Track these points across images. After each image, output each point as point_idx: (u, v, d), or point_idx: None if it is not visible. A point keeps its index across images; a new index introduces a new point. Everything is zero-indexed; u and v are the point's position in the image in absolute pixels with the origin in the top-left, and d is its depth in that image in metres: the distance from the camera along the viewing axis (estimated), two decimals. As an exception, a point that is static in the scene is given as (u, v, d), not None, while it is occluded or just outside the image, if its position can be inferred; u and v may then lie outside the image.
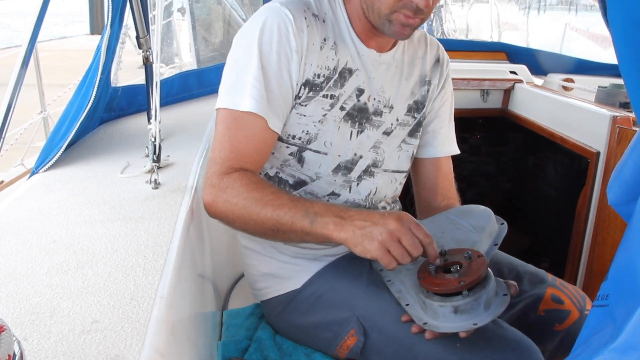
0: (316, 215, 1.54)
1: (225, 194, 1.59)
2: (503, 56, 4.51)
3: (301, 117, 1.73)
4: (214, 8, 5.67)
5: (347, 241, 1.51)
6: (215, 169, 1.63)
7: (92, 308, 1.19)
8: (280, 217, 1.54)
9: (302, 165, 1.79)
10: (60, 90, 6.89)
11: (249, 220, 1.58)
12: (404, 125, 1.90)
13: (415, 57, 1.93)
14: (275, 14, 1.66)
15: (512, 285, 1.56)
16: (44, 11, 1.97)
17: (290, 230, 1.55)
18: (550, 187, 3.54)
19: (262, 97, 1.62)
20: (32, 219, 1.67)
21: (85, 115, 2.35)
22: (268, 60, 1.64)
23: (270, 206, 1.55)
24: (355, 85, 1.78)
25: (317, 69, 1.71)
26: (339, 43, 1.76)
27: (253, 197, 1.57)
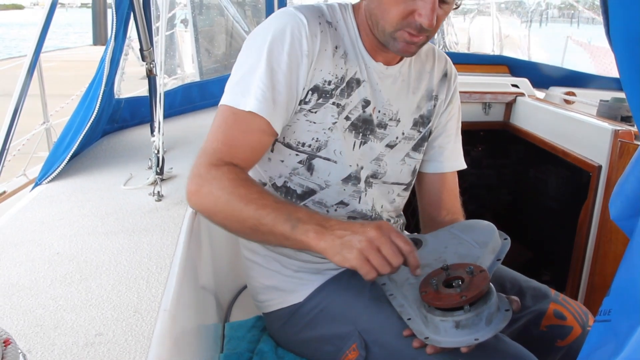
0: (298, 221, 1.51)
1: (211, 186, 1.56)
2: (505, 69, 4.52)
3: (311, 124, 1.73)
4: (217, 20, 5.69)
5: (325, 251, 1.49)
6: (204, 158, 1.61)
7: (96, 320, 1.19)
8: (262, 217, 1.52)
9: (311, 173, 1.79)
10: (63, 101, 6.90)
11: (230, 216, 1.56)
12: (409, 139, 1.91)
13: (423, 72, 1.93)
14: (289, 18, 1.67)
15: (514, 300, 1.56)
16: (48, 22, 1.98)
17: (270, 232, 1.53)
18: (551, 200, 3.54)
19: (265, 99, 1.61)
20: (35, 230, 1.67)
21: (88, 127, 2.36)
22: (278, 62, 1.63)
23: (254, 205, 1.53)
24: (362, 96, 1.77)
25: (327, 76, 1.71)
26: (348, 53, 1.75)
27: (238, 192, 1.55)
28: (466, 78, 4.06)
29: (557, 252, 3.33)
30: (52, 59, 21.06)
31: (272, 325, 1.96)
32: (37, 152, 5.11)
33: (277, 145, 1.77)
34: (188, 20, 7.30)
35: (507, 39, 11.74)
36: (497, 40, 10.86)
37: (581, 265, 2.96)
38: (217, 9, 5.54)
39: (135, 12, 2.41)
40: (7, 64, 9.55)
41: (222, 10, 5.38)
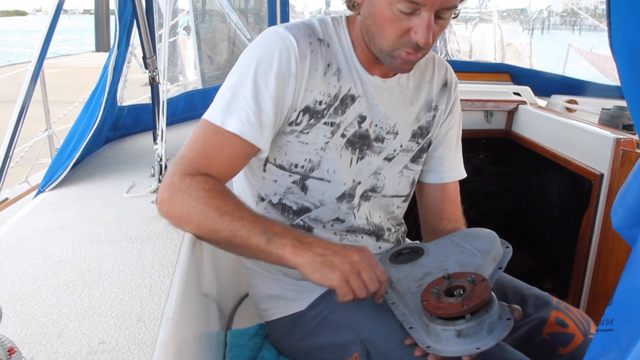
0: (274, 234, 1.53)
1: (184, 194, 1.57)
2: (507, 77, 4.53)
3: (303, 145, 1.74)
4: (219, 27, 5.70)
5: (302, 266, 1.51)
6: (179, 167, 1.62)
7: (99, 329, 1.19)
8: (237, 229, 1.53)
9: (305, 192, 1.80)
10: (65, 108, 6.91)
11: (204, 226, 1.57)
12: (407, 151, 1.91)
13: (422, 81, 1.92)
14: (278, 39, 1.67)
15: (516, 309, 1.56)
16: (52, 28, 1.98)
17: (244, 244, 1.54)
18: (553, 208, 3.55)
19: (249, 121, 1.62)
20: (38, 238, 1.67)
21: (91, 135, 2.36)
22: (266, 84, 1.63)
23: (229, 217, 1.54)
24: (357, 112, 1.77)
25: (318, 96, 1.71)
26: (342, 69, 1.75)
27: (213, 204, 1.56)
28: (468, 86, 4.06)
29: (558, 260, 3.33)
30: (54, 65, 21.11)
31: (274, 334, 1.96)
32: (39, 158, 5.12)
33: (269, 166, 1.78)
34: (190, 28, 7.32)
35: (508, 47, 11.76)
36: (499, 48, 10.87)
37: (583, 273, 2.96)
38: (220, 16, 5.55)
39: (139, 19, 2.41)
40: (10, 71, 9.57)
41: (224, 18, 5.39)
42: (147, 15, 2.49)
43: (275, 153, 1.76)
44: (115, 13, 2.60)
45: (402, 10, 1.55)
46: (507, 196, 4.13)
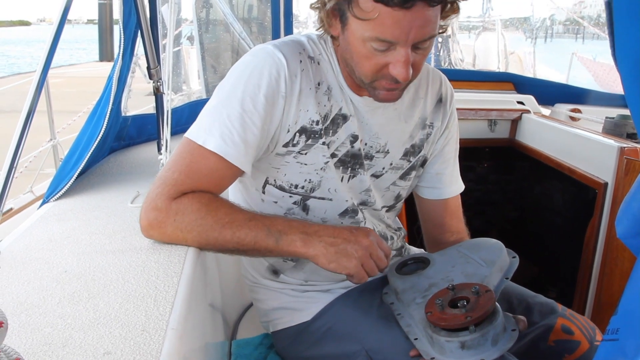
0: (280, 233, 1.56)
1: (176, 222, 1.57)
2: (510, 86, 4.53)
3: (302, 165, 1.72)
4: (222, 37, 5.72)
5: (317, 257, 1.55)
6: (162, 189, 1.59)
7: (104, 339, 1.19)
8: (241, 239, 1.55)
9: (307, 212, 1.79)
10: (69, 117, 6.94)
11: (205, 244, 1.59)
12: (396, 169, 1.89)
13: (416, 98, 1.88)
14: (267, 57, 1.64)
15: (521, 320, 1.56)
16: (57, 39, 1.99)
17: (253, 249, 1.57)
18: (557, 217, 3.54)
19: (233, 142, 1.58)
20: (43, 248, 1.67)
21: (96, 145, 2.37)
22: (254, 104, 1.60)
23: (229, 229, 1.55)
24: (349, 132, 1.75)
25: (314, 115, 1.68)
26: (332, 88, 1.72)
27: (207, 222, 1.56)
28: (472, 95, 4.07)
29: (563, 269, 3.33)
30: (58, 75, 21.17)
31: (279, 344, 1.96)
32: (43, 168, 5.14)
33: (269, 188, 1.77)
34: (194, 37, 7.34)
35: (511, 55, 11.78)
36: (503, 57, 10.88)
37: (588, 281, 2.95)
38: (223, 25, 5.56)
39: (143, 30, 2.42)
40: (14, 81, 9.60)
41: (227, 27, 5.41)
42: (152, 26, 2.49)
43: (274, 174, 1.75)
44: (119, 23, 2.61)
45: (376, 48, 1.53)
46: (511, 205, 4.13)
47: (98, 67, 24.22)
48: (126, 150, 2.91)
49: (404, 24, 1.46)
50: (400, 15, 1.44)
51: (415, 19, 1.46)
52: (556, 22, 37.67)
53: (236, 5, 5.65)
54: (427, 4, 1.45)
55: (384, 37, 1.49)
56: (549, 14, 21.30)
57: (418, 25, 1.47)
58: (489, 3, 12.33)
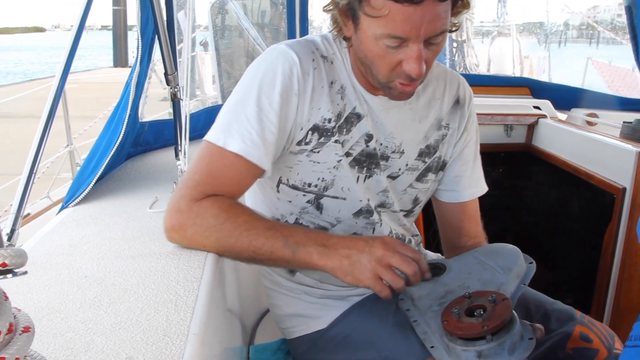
0: (297, 244, 1.53)
1: (195, 225, 1.58)
2: (526, 91, 4.52)
3: (315, 164, 1.72)
4: (238, 42, 5.73)
5: (334, 270, 1.52)
6: (185, 191, 1.61)
7: (126, 344, 1.20)
8: (258, 248, 1.54)
9: (320, 212, 1.78)
10: (85, 123, 6.98)
11: (223, 251, 1.60)
12: (412, 170, 1.87)
13: (433, 99, 1.88)
14: (280, 56, 1.65)
15: (538, 328, 1.54)
16: (75, 45, 2.00)
17: (270, 259, 1.56)
18: (574, 222, 3.53)
19: (252, 141, 1.59)
20: (63, 253, 1.68)
21: (114, 151, 2.38)
22: (270, 102, 1.61)
23: (246, 237, 1.54)
24: (364, 131, 1.75)
25: (326, 114, 1.69)
26: (346, 87, 1.73)
27: (225, 228, 1.56)
28: (488, 100, 4.06)
29: (580, 274, 3.31)
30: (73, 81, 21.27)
31: (296, 350, 1.96)
32: (59, 173, 5.17)
33: (283, 187, 1.77)
34: (208, 43, 7.35)
35: (525, 59, 11.76)
36: (518, 62, 10.85)
37: (606, 287, 2.94)
38: (238, 31, 5.58)
39: (160, 36, 2.43)
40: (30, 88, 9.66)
41: (242, 33, 5.42)
42: (168, 32, 2.50)
43: (287, 173, 1.75)
44: (137, 30, 2.62)
45: (388, 45, 1.53)
46: (527, 210, 4.11)
47: (112, 73, 24.35)
48: (143, 155, 2.92)
49: (414, 19, 1.46)
50: (410, 10, 1.45)
51: (425, 14, 1.46)
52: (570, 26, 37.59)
53: (251, 11, 5.66)
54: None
55: (395, 33, 1.50)
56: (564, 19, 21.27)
57: (428, 21, 1.48)
58: (503, 8, 12.31)
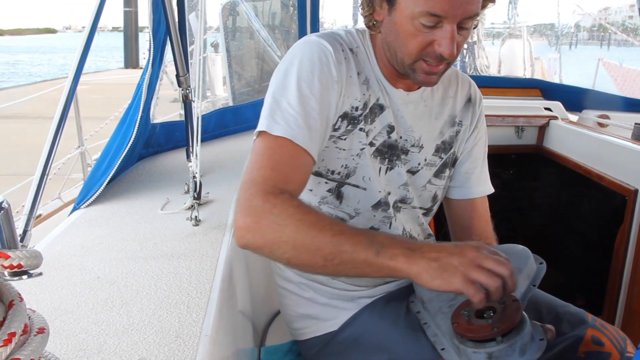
0: (382, 245, 1.41)
1: (272, 215, 1.42)
2: (537, 92, 4.50)
3: (340, 151, 1.73)
4: (248, 43, 5.74)
5: (420, 275, 1.38)
6: (254, 189, 1.48)
7: (139, 345, 1.20)
8: (341, 243, 1.41)
9: (340, 201, 1.78)
10: (95, 124, 7.00)
11: (300, 245, 1.42)
12: (430, 166, 1.89)
13: (446, 97, 1.91)
14: (314, 45, 1.67)
15: (549, 330, 1.53)
16: (88, 47, 2.01)
17: (350, 260, 1.41)
18: (585, 224, 3.52)
19: (298, 125, 1.56)
20: (75, 254, 1.69)
21: (126, 152, 2.39)
22: (310, 89, 1.60)
23: (329, 231, 1.42)
24: (386, 122, 1.77)
25: (354, 102, 1.70)
26: (370, 79, 1.75)
27: (308, 219, 1.43)
28: (499, 102, 4.05)
29: (592, 276, 3.30)
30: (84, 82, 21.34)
31: (307, 352, 1.95)
32: (70, 174, 5.19)
33: None
34: (218, 44, 7.35)
35: (536, 61, 11.73)
36: (529, 64, 10.82)
37: (618, 289, 2.93)
38: (249, 32, 5.59)
39: (172, 38, 2.44)
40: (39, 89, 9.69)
41: (253, 35, 5.43)
42: (180, 34, 2.51)
43: None
44: (149, 32, 2.63)
45: (424, 24, 1.55)
46: (538, 212, 4.10)
47: (123, 74, 24.41)
48: (154, 157, 2.93)
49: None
50: None
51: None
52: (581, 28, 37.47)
53: (261, 13, 5.67)
54: None
55: (434, 10, 1.51)
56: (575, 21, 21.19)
57: (465, 2, 1.52)
58: (514, 9, 12.27)
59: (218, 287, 1.46)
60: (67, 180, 5.10)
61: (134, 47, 33.35)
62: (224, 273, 1.55)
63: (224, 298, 1.46)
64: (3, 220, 0.67)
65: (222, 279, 1.51)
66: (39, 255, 0.72)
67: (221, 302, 1.42)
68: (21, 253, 0.69)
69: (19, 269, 0.69)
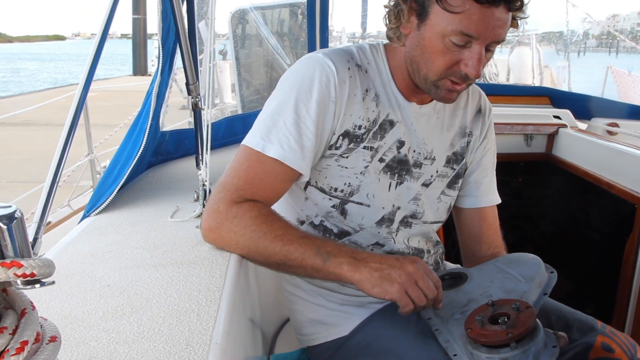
0: (329, 254, 1.57)
1: (232, 224, 1.61)
2: (546, 100, 4.50)
3: (342, 169, 1.75)
4: (258, 52, 5.75)
5: (361, 282, 1.55)
6: (224, 194, 1.65)
7: (149, 353, 1.20)
8: (290, 252, 1.57)
9: (345, 217, 1.80)
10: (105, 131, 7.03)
11: (254, 252, 1.62)
12: (442, 177, 1.92)
13: (457, 108, 1.94)
14: (317, 65, 1.69)
15: (562, 337, 1.54)
16: (98, 54, 2.01)
17: (299, 266, 1.59)
18: (595, 232, 3.51)
19: (290, 147, 1.64)
20: (85, 262, 1.69)
21: (136, 161, 2.39)
22: (307, 109, 1.66)
23: (280, 241, 1.58)
24: (396, 137, 1.79)
25: (357, 120, 1.73)
26: (380, 95, 1.77)
27: (261, 230, 1.59)
28: (508, 110, 4.06)
29: (601, 284, 3.29)
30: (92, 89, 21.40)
31: (316, 358, 1.96)
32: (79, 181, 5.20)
33: (310, 189, 1.80)
34: (226, 52, 7.36)
35: (545, 68, 11.71)
36: (538, 72, 10.81)
37: (627, 297, 2.92)
38: (257, 40, 5.60)
39: (182, 46, 2.44)
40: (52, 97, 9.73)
41: (262, 42, 5.44)
42: (190, 42, 2.52)
43: (315, 176, 1.78)
44: (158, 40, 2.64)
45: (455, 43, 1.58)
46: (547, 220, 4.09)
47: (132, 82, 24.49)
48: (164, 165, 2.93)
49: (487, 21, 1.55)
50: (487, 12, 1.54)
51: (497, 19, 1.56)
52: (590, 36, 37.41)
53: (270, 21, 5.69)
54: (507, 7, 1.56)
55: (467, 31, 1.56)
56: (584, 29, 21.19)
57: (497, 26, 1.57)
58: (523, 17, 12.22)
59: (228, 295, 1.46)
60: (76, 187, 5.12)
61: (143, 54, 33.45)
62: (234, 281, 1.55)
63: (234, 306, 1.46)
64: (16, 229, 0.68)
65: (231, 287, 1.52)
66: (52, 264, 0.73)
67: (231, 310, 1.42)
68: (34, 262, 0.69)
69: (31, 277, 0.69)
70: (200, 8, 3.29)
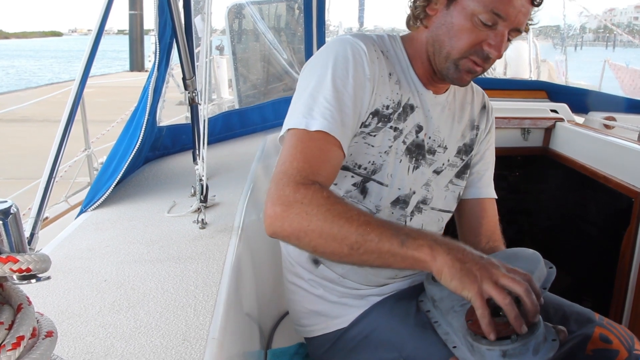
0: (408, 236, 1.43)
1: (303, 204, 1.46)
2: (543, 95, 4.50)
3: (369, 147, 1.75)
4: (253, 46, 5.74)
5: (442, 269, 1.41)
6: (286, 179, 1.51)
7: (146, 348, 1.20)
8: (367, 233, 1.43)
9: (364, 196, 1.79)
10: (101, 126, 7.02)
11: (327, 234, 1.45)
12: (452, 166, 1.93)
13: (465, 102, 1.98)
14: (348, 44, 1.70)
15: (562, 331, 1.54)
16: (94, 50, 2.01)
17: (375, 249, 1.44)
18: (592, 226, 3.51)
19: (334, 119, 1.59)
20: (82, 257, 1.69)
21: (132, 156, 2.39)
22: (344, 85, 1.64)
23: (355, 221, 1.44)
24: (415, 122, 1.81)
25: (385, 100, 1.74)
26: (401, 80, 1.79)
27: (336, 209, 1.46)
28: (505, 104, 4.05)
29: (599, 278, 3.29)
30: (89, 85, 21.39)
31: (315, 351, 1.96)
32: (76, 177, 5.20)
33: None
34: (223, 47, 7.34)
35: (542, 63, 11.71)
36: (535, 66, 10.81)
37: (625, 290, 2.92)
38: (254, 35, 5.59)
39: (179, 41, 2.44)
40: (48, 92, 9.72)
41: (258, 36, 5.43)
42: (187, 37, 2.51)
43: None
44: (155, 35, 2.63)
45: (482, 22, 1.62)
46: (545, 214, 4.09)
47: (128, 77, 24.46)
48: (161, 160, 2.93)
49: (517, 5, 1.62)
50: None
51: (524, 5, 1.63)
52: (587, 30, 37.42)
53: (267, 16, 5.67)
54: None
55: (498, 10, 1.60)
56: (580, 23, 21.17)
57: (523, 13, 1.64)
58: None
59: (225, 290, 1.46)
60: (73, 183, 5.12)
61: (139, 50, 33.41)
62: (231, 276, 1.55)
63: (231, 301, 1.46)
64: (12, 224, 0.68)
65: (228, 281, 1.52)
66: (48, 259, 0.72)
67: (228, 304, 1.42)
68: (30, 257, 0.69)
69: (27, 272, 0.69)
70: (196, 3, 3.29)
